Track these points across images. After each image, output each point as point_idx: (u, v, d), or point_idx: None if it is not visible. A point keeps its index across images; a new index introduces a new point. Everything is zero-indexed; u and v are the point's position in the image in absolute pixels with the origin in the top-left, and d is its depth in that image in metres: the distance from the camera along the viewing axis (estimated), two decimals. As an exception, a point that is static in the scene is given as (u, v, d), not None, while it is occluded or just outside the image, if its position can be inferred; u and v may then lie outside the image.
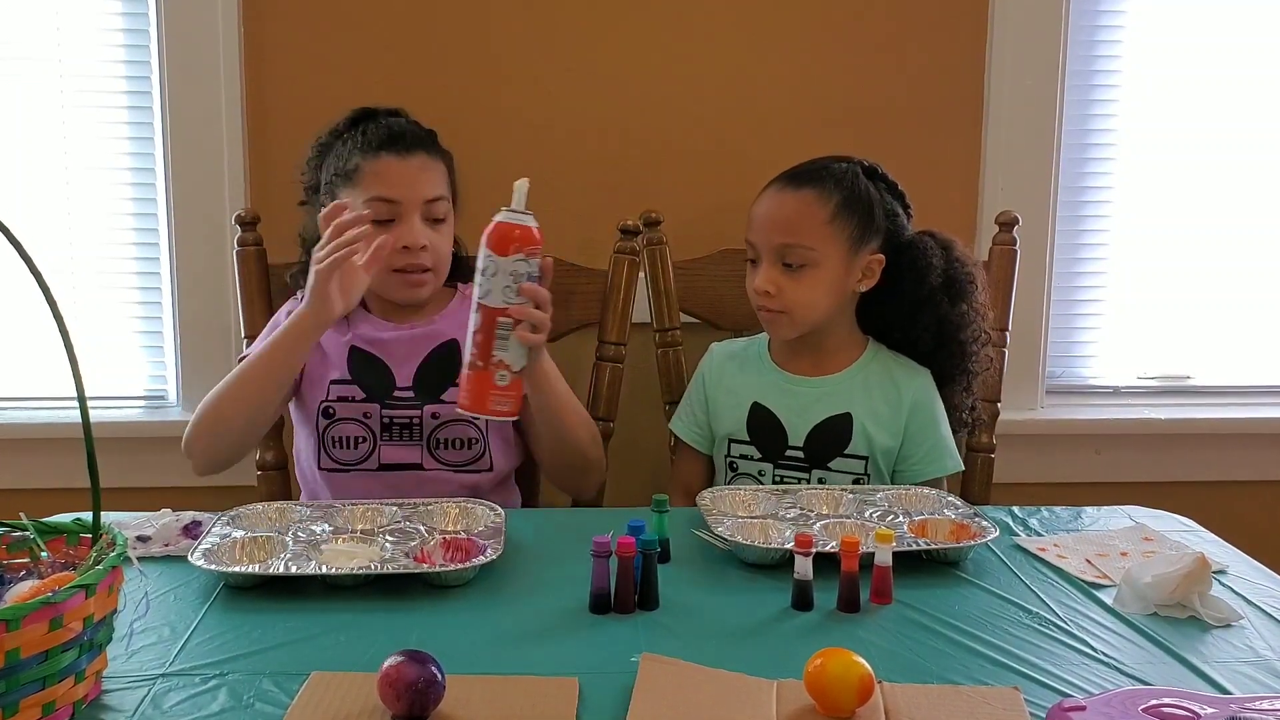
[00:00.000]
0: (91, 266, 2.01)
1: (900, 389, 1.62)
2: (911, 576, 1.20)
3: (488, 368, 1.32)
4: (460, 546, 1.24)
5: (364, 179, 1.57)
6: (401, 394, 1.61)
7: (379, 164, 1.57)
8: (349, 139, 1.61)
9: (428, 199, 1.58)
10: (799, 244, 1.56)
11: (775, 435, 1.61)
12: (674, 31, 1.99)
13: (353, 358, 1.62)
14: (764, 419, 1.62)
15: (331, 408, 1.60)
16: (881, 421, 1.60)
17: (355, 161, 1.58)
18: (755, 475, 1.62)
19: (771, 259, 1.58)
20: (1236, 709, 0.91)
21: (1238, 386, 2.19)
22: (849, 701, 0.91)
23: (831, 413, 1.60)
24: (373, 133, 1.60)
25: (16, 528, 1.02)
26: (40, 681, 0.86)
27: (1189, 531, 1.40)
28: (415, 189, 1.58)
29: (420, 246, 1.57)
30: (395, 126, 1.61)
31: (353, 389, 1.61)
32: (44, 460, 1.94)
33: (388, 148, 1.58)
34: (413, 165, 1.58)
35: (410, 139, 1.60)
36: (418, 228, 1.57)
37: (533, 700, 0.93)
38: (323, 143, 1.66)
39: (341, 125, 1.65)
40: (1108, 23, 2.06)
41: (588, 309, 1.78)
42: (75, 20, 1.94)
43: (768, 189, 1.62)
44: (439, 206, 1.60)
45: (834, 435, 1.60)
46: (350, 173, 1.58)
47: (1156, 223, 2.13)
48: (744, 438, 1.63)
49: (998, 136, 2.03)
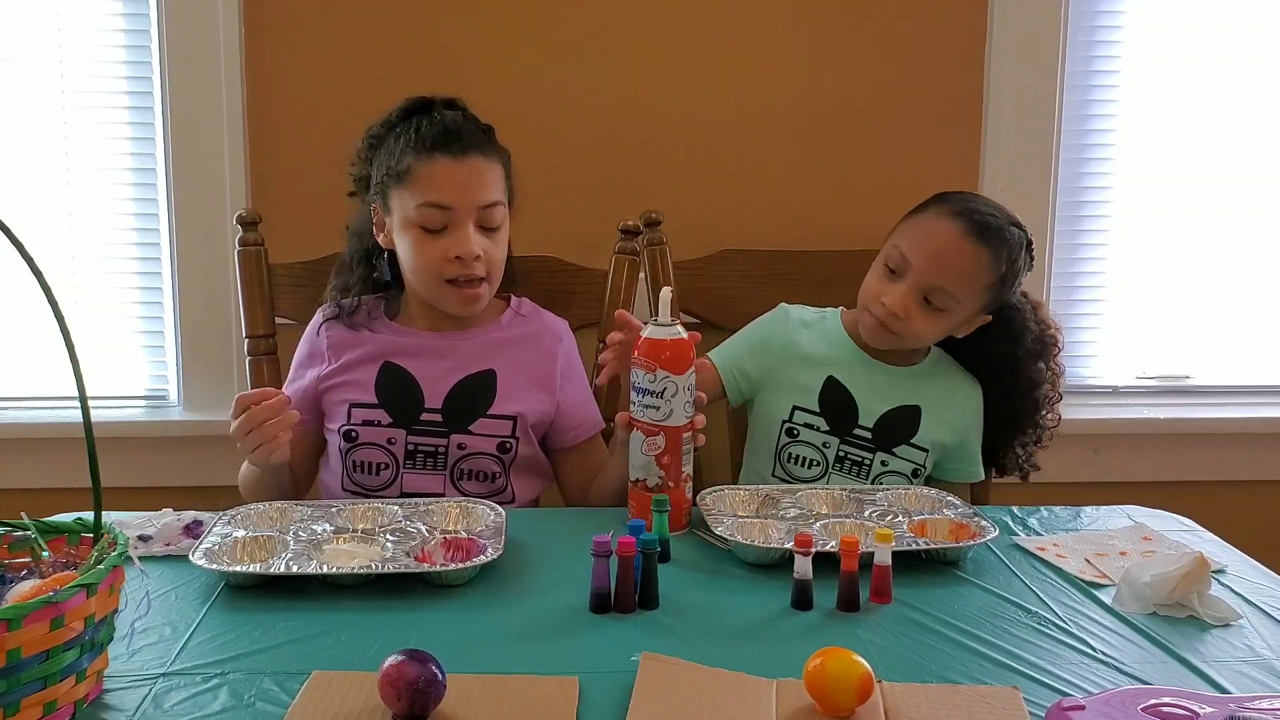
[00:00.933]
0: (92, 266, 2.01)
1: (965, 393, 1.67)
2: (911, 576, 1.20)
3: (679, 486, 1.33)
4: (460, 546, 1.24)
5: (416, 181, 1.50)
6: (429, 418, 1.54)
7: (432, 166, 1.50)
8: (402, 133, 1.53)
9: (483, 205, 1.52)
10: (953, 293, 1.55)
11: (847, 412, 1.62)
12: (674, 32, 1.99)
13: (383, 374, 1.56)
14: (838, 394, 1.62)
15: (354, 431, 1.55)
16: (947, 419, 1.64)
17: (407, 161, 1.50)
18: (819, 447, 1.63)
19: (917, 287, 1.55)
20: (1235, 709, 0.91)
21: (1237, 386, 2.19)
22: (849, 701, 0.91)
23: (904, 402, 1.63)
24: (427, 129, 1.51)
25: (18, 527, 1.02)
26: (41, 681, 0.86)
27: (1188, 531, 1.40)
28: (470, 194, 1.51)
29: (475, 257, 1.50)
30: (451, 123, 1.53)
31: (379, 413, 1.55)
32: (45, 460, 1.94)
33: (441, 148, 1.50)
34: (468, 168, 1.51)
35: (466, 138, 1.52)
36: (471, 236, 1.50)
37: (533, 700, 0.93)
38: (374, 134, 1.58)
39: (394, 116, 1.57)
40: (1107, 23, 2.06)
41: (588, 309, 1.78)
42: (76, 20, 1.94)
43: (945, 219, 1.56)
44: (495, 213, 1.53)
45: (903, 423, 1.63)
46: (402, 173, 1.50)
47: (1156, 223, 2.13)
48: (814, 408, 1.63)
49: (997, 136, 2.03)
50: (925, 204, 1.62)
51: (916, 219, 1.60)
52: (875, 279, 1.60)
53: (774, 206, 2.03)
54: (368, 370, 1.57)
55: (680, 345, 1.31)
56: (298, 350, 1.65)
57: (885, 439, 1.62)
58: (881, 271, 1.60)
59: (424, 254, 1.51)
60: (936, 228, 1.56)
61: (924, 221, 1.58)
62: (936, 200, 1.61)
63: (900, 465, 1.62)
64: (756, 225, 2.02)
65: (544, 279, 1.77)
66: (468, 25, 1.96)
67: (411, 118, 1.55)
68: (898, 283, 1.57)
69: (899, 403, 1.63)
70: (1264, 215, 2.14)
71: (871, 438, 1.62)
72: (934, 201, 1.61)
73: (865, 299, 1.60)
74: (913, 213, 1.62)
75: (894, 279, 1.57)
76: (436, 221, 1.50)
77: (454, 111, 1.56)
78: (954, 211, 1.56)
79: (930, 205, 1.61)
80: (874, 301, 1.58)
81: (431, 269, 1.52)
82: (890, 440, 1.62)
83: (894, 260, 1.58)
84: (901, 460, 1.63)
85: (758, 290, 1.86)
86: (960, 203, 1.58)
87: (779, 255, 1.89)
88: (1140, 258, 2.14)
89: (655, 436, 1.31)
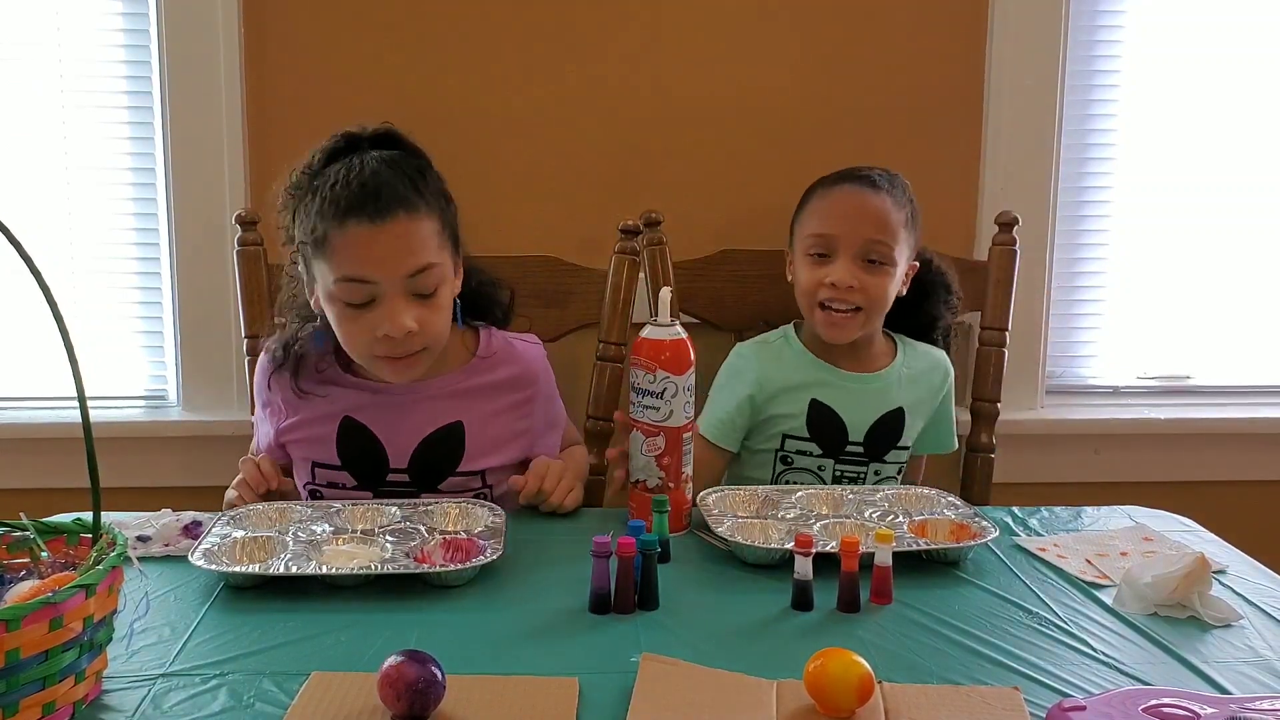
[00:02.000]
0: (92, 266, 2.01)
1: (936, 381, 1.70)
2: (911, 576, 1.20)
3: (679, 487, 1.33)
4: (460, 546, 1.24)
5: (334, 252, 1.33)
6: (395, 479, 1.44)
7: (346, 235, 1.32)
8: (318, 190, 1.35)
9: (411, 273, 1.34)
10: (885, 240, 1.59)
11: (836, 432, 1.64)
12: (674, 31, 1.99)
13: (343, 433, 1.44)
14: (824, 416, 1.64)
15: (320, 491, 1.46)
16: (922, 411, 1.68)
17: (322, 228, 1.33)
18: (815, 470, 1.65)
19: (853, 253, 1.58)
20: (1236, 709, 0.91)
21: (1238, 386, 2.19)
22: (849, 701, 0.91)
23: (887, 408, 1.65)
24: (340, 189, 1.32)
25: (17, 527, 1.02)
26: (40, 681, 0.86)
27: (1189, 531, 1.40)
28: (394, 264, 1.33)
29: (404, 334, 1.34)
30: (369, 180, 1.33)
31: (342, 475, 1.44)
32: (44, 460, 1.94)
33: (356, 212, 1.31)
34: (389, 234, 1.32)
35: (385, 197, 1.32)
36: (400, 311, 1.33)
37: (533, 700, 0.93)
38: (295, 182, 1.40)
39: (317, 161, 1.39)
40: (1108, 23, 2.06)
41: (588, 309, 1.78)
42: (75, 20, 1.94)
43: (839, 186, 1.63)
44: (429, 278, 1.35)
45: (890, 429, 1.65)
46: (319, 242, 1.34)
47: (1156, 222, 2.12)
48: (803, 434, 1.64)
49: (998, 136, 2.03)
50: (804, 199, 1.69)
51: (809, 208, 1.66)
52: (808, 272, 1.62)
53: (774, 206, 2.02)
54: (326, 427, 1.45)
55: (680, 345, 1.30)
56: (255, 389, 1.56)
57: (875, 449, 1.65)
58: (809, 264, 1.62)
59: (350, 331, 1.37)
60: (835, 196, 1.63)
61: (818, 201, 1.64)
62: (810, 189, 1.68)
63: (889, 470, 1.67)
64: (756, 225, 2.01)
65: (544, 279, 1.77)
66: (467, 25, 1.96)
67: (333, 164, 1.37)
68: (831, 262, 1.59)
69: (883, 410, 1.64)
70: (1264, 215, 2.14)
71: (864, 451, 1.64)
72: (809, 191, 1.68)
73: (809, 293, 1.62)
74: (799, 212, 1.69)
75: (825, 260, 1.60)
76: (360, 296, 1.34)
77: (375, 160, 1.36)
78: (837, 180, 1.64)
79: (811, 194, 1.67)
80: (821, 289, 1.60)
81: (360, 347, 1.38)
82: (880, 449, 1.65)
83: (816, 246, 1.62)
84: (890, 465, 1.66)
85: (758, 290, 1.86)
86: (833, 174, 1.65)
87: (779, 255, 1.88)
88: (1140, 258, 2.13)
89: (655, 437, 1.31)
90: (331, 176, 1.35)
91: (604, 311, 1.77)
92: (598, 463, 1.73)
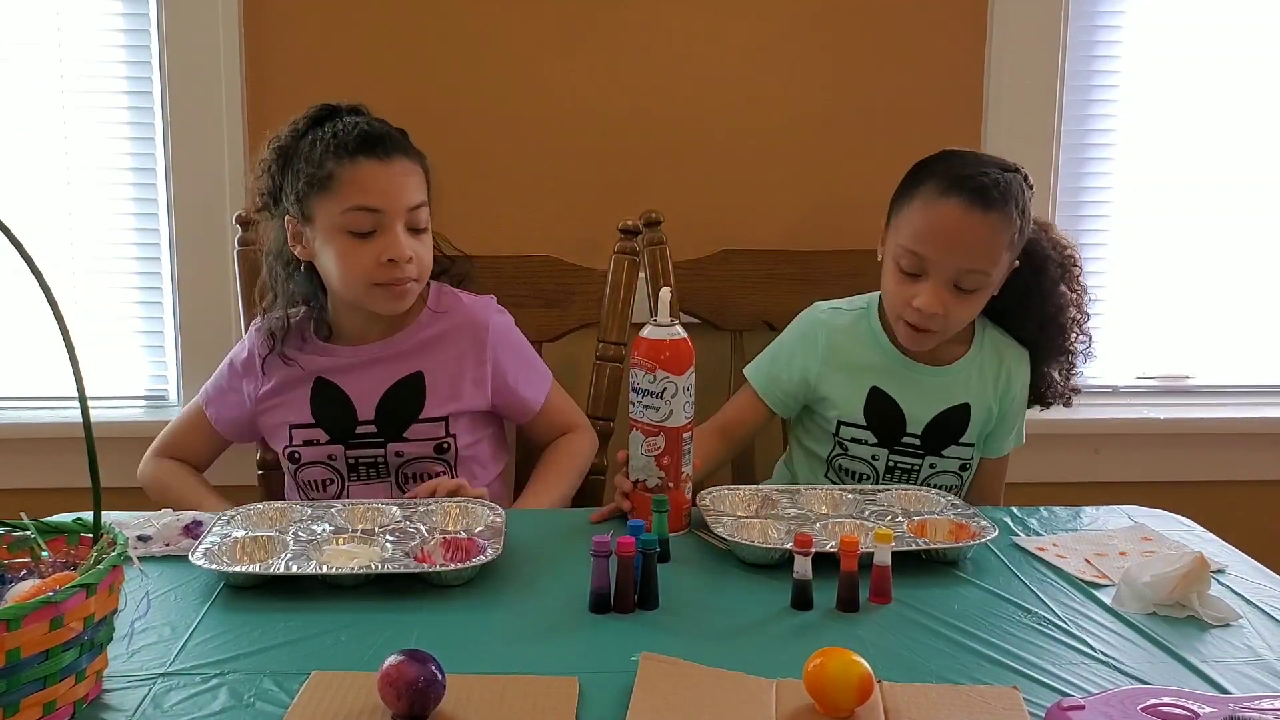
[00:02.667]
0: (92, 266, 2.01)
1: (1010, 374, 1.62)
2: (911, 576, 1.20)
3: (679, 487, 1.33)
4: (460, 546, 1.24)
5: (342, 187, 1.47)
6: (364, 430, 1.56)
7: (358, 170, 1.47)
8: (317, 141, 1.49)
9: (411, 206, 1.50)
10: (981, 270, 1.49)
11: (895, 423, 1.59)
12: (674, 31, 1.99)
13: (315, 392, 1.56)
14: (884, 406, 1.59)
15: (297, 452, 1.57)
16: (993, 406, 1.62)
17: (329, 167, 1.47)
18: (869, 460, 1.61)
19: (945, 279, 1.49)
20: (1235, 709, 0.91)
21: (1237, 386, 2.19)
22: (848, 701, 0.91)
23: (951, 403, 1.59)
24: (345, 134, 1.48)
25: (17, 527, 1.02)
26: (41, 681, 0.86)
27: (1188, 531, 1.40)
28: (399, 197, 1.49)
29: (407, 259, 1.49)
30: (371, 128, 1.50)
31: (316, 432, 1.56)
32: (44, 460, 1.94)
33: (365, 151, 1.48)
34: (395, 170, 1.49)
35: (388, 141, 1.50)
36: (402, 239, 1.48)
37: (533, 700, 0.93)
38: (281, 145, 1.53)
39: (302, 125, 1.53)
40: (1107, 23, 2.06)
41: (588, 309, 1.78)
42: (75, 20, 1.94)
43: (947, 201, 1.48)
44: (421, 214, 1.52)
45: (952, 425, 1.60)
46: (324, 179, 1.47)
47: (1156, 223, 2.13)
48: (860, 422, 1.59)
49: (998, 136, 2.03)
50: (910, 188, 1.54)
51: (910, 209, 1.52)
52: (896, 284, 1.53)
53: (774, 206, 2.03)
54: (301, 390, 1.57)
55: (680, 345, 1.30)
56: (232, 355, 1.64)
57: (934, 443, 1.60)
58: (898, 275, 1.53)
59: (353, 259, 1.49)
60: (937, 214, 1.49)
61: (920, 210, 1.51)
62: (919, 180, 1.53)
63: (948, 465, 1.61)
64: (756, 225, 2.02)
65: (544, 279, 1.77)
66: (468, 25, 1.96)
67: (321, 124, 1.51)
68: (921, 282, 1.50)
69: (946, 405, 1.59)
70: (1264, 215, 2.14)
71: (920, 444, 1.59)
72: (917, 182, 1.53)
73: (896, 308, 1.54)
74: (901, 201, 1.55)
75: (915, 280, 1.51)
76: (366, 225, 1.47)
77: (367, 117, 1.53)
78: (945, 188, 1.49)
79: (917, 189, 1.53)
80: (906, 309, 1.52)
81: (361, 273, 1.49)
82: (938, 444, 1.60)
83: (907, 262, 1.51)
84: (949, 460, 1.61)
85: (758, 290, 1.86)
86: (945, 174, 1.50)
87: (779, 255, 1.89)
88: (1140, 258, 2.14)
89: (655, 437, 1.31)
90: (328, 130, 1.50)
91: (604, 311, 1.77)
92: (598, 461, 1.74)
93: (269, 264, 1.60)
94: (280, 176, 1.53)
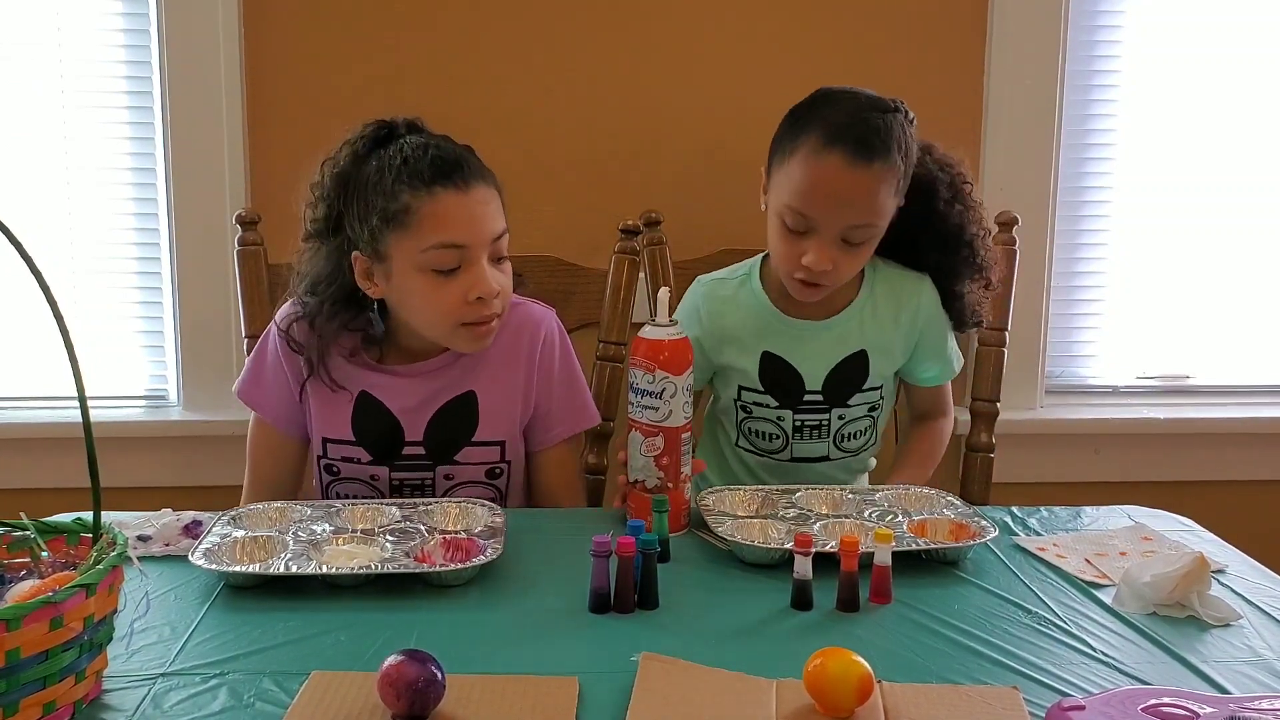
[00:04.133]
0: (92, 266, 2.01)
1: (909, 308, 1.60)
2: (911, 576, 1.20)
3: (678, 487, 1.32)
4: (460, 546, 1.24)
5: (421, 222, 1.35)
6: (411, 451, 1.46)
7: (437, 203, 1.35)
8: (385, 169, 1.37)
9: (494, 237, 1.40)
10: (869, 222, 1.47)
11: (791, 384, 1.58)
12: (674, 31, 1.99)
13: (359, 408, 1.46)
14: (778, 369, 1.58)
15: (334, 466, 1.48)
16: (893, 347, 1.60)
17: (405, 200, 1.35)
18: (774, 420, 1.61)
19: (832, 235, 1.46)
20: (1235, 709, 0.91)
21: (1237, 386, 2.19)
22: (848, 701, 0.91)
23: (846, 353, 1.58)
24: (416, 161, 1.36)
25: (17, 527, 1.02)
26: (41, 681, 0.86)
27: (1188, 531, 1.40)
28: (482, 229, 1.38)
29: (495, 295, 1.39)
30: (443, 152, 1.38)
31: (357, 450, 1.46)
32: (44, 460, 1.94)
33: (443, 181, 1.36)
34: (475, 199, 1.38)
35: (466, 168, 1.38)
36: (488, 273, 1.38)
37: (533, 700, 0.93)
38: (341, 170, 1.41)
39: (361, 148, 1.41)
40: (1107, 23, 2.06)
41: (588, 309, 1.78)
42: (75, 20, 1.94)
43: (826, 155, 1.44)
44: (504, 243, 1.42)
45: (851, 374, 1.58)
46: (399, 214, 1.35)
47: (1156, 222, 2.13)
48: (757, 387, 1.59)
49: (998, 136, 2.03)
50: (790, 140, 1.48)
51: (792, 164, 1.47)
52: (783, 242, 1.50)
53: (774, 206, 2.03)
54: (341, 402, 1.46)
55: (679, 346, 1.30)
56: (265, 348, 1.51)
57: (836, 395, 1.59)
58: (784, 233, 1.49)
59: (438, 299, 1.38)
60: (820, 170, 1.44)
61: (801, 166, 1.45)
62: (798, 131, 1.48)
63: (856, 413, 1.61)
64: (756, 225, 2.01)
65: (544, 279, 1.77)
66: (467, 25, 1.96)
67: (383, 147, 1.40)
68: (808, 239, 1.48)
69: (841, 355, 1.58)
70: (1264, 215, 2.14)
71: (823, 399, 1.59)
72: (796, 134, 1.48)
73: (784, 266, 1.51)
74: (781, 153, 1.50)
75: (802, 237, 1.48)
76: (450, 262, 1.37)
77: (435, 137, 1.43)
78: (826, 141, 1.44)
79: (797, 142, 1.47)
80: (795, 266, 1.49)
81: (447, 314, 1.40)
82: (842, 395, 1.59)
83: (792, 220, 1.47)
84: (856, 408, 1.61)
85: (757, 290, 1.86)
86: (824, 126, 1.45)
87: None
88: (1140, 258, 2.14)
89: (654, 437, 1.31)
90: (394, 155, 1.38)
91: (604, 311, 1.77)
92: (597, 462, 1.74)
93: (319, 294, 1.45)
94: (342, 205, 1.41)
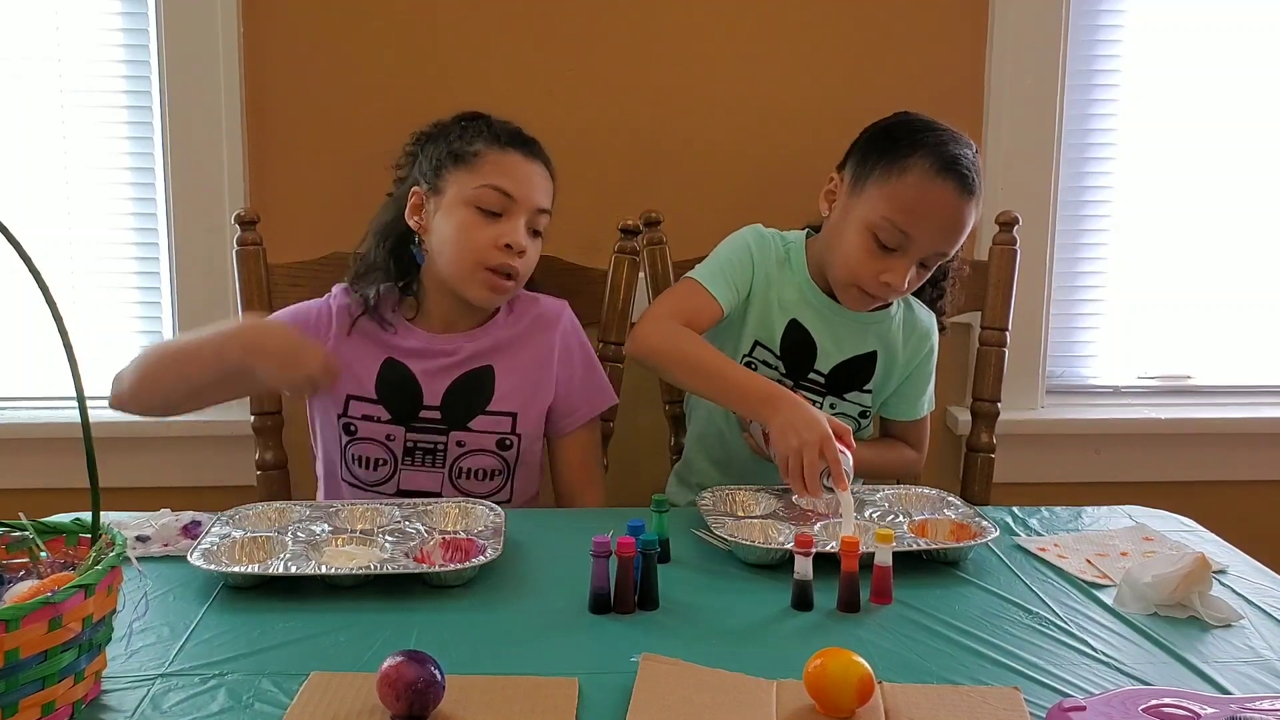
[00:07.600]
0: (91, 266, 2.01)
1: (923, 340, 1.67)
2: (911, 576, 1.20)
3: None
4: (460, 546, 1.24)
5: (484, 165, 1.52)
6: (428, 415, 1.56)
7: (504, 156, 1.53)
8: (469, 128, 1.56)
9: (539, 208, 1.55)
10: (951, 252, 1.53)
11: (805, 357, 1.61)
12: (674, 32, 1.99)
13: (385, 370, 1.56)
14: (799, 340, 1.61)
15: (353, 424, 1.56)
16: (896, 365, 1.65)
17: (478, 147, 1.53)
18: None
19: (917, 257, 1.49)
20: (1236, 709, 0.91)
21: (1238, 386, 2.19)
22: (849, 701, 0.91)
23: (862, 350, 1.62)
24: (500, 128, 1.56)
25: (16, 528, 1.02)
26: (40, 681, 0.86)
27: (1189, 531, 1.40)
28: (533, 193, 1.54)
29: (521, 250, 1.52)
30: (523, 131, 1.58)
31: (378, 409, 1.55)
32: (44, 460, 1.94)
33: (517, 145, 1.55)
34: (536, 170, 1.55)
35: (539, 149, 1.57)
36: (522, 230, 1.52)
37: (533, 700, 0.93)
38: (425, 133, 1.61)
39: (449, 120, 1.60)
40: (1108, 23, 2.06)
41: (588, 309, 1.78)
42: (75, 20, 1.94)
43: (941, 181, 1.44)
44: (544, 220, 1.57)
45: (857, 370, 1.63)
46: (468, 155, 1.52)
47: (1156, 223, 2.13)
48: (774, 348, 1.62)
49: (998, 136, 2.03)
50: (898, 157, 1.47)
51: (901, 182, 1.46)
52: (866, 255, 1.48)
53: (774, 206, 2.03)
54: (368, 364, 1.56)
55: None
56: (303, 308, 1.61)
57: (837, 385, 1.63)
58: (871, 246, 1.48)
59: (472, 235, 1.51)
60: (934, 195, 1.44)
61: (915, 187, 1.45)
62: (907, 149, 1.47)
63: (848, 409, 1.64)
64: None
65: (544, 278, 1.76)
66: (468, 25, 1.96)
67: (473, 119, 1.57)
68: (895, 257, 1.48)
69: (856, 351, 1.62)
70: (1264, 215, 2.14)
71: (825, 383, 1.62)
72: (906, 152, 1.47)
73: (859, 277, 1.51)
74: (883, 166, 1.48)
75: (889, 254, 1.48)
76: (495, 204, 1.51)
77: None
78: (941, 169, 1.44)
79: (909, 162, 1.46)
80: (871, 282, 1.49)
81: (476, 251, 1.51)
82: (842, 386, 1.63)
83: (887, 235, 1.47)
84: (849, 404, 1.64)
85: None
86: (938, 153, 1.45)
87: (779, 255, 1.89)
88: (1140, 258, 2.14)
89: None
90: (482, 123, 1.56)
91: (604, 311, 1.77)
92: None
93: (374, 239, 1.59)
94: (421, 153, 1.58)
